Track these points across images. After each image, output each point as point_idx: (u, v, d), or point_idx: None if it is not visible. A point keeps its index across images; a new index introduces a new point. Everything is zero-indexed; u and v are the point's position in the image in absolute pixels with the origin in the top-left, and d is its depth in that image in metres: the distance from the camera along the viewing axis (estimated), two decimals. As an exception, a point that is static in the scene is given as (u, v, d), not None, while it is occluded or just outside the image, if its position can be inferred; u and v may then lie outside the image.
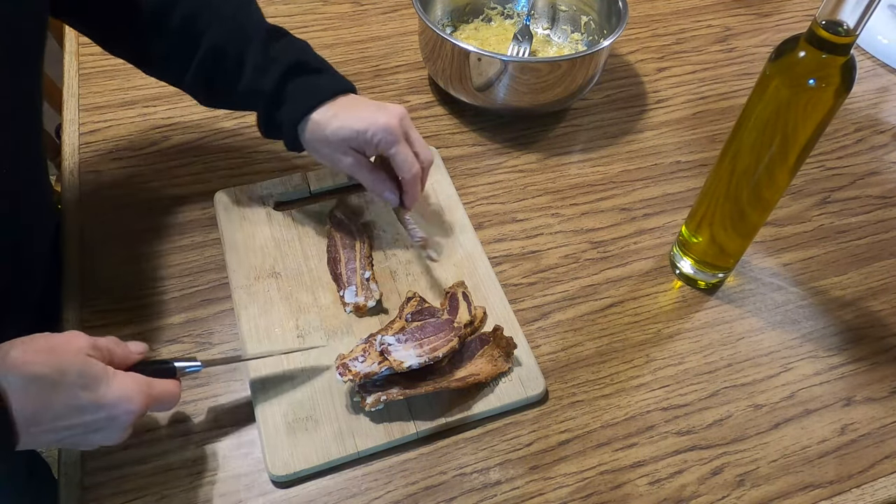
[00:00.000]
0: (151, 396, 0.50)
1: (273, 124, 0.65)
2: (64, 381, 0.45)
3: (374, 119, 0.61)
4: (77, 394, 0.46)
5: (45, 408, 0.45)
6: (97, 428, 0.48)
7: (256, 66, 0.62)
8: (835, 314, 0.71)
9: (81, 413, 0.46)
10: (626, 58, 0.97)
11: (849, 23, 0.50)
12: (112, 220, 0.72)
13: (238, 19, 0.64)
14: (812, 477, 0.60)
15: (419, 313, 0.62)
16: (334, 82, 0.65)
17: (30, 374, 0.44)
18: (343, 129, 0.62)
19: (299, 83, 0.63)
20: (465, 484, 0.57)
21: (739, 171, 0.61)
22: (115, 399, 0.47)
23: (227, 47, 0.63)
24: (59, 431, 0.46)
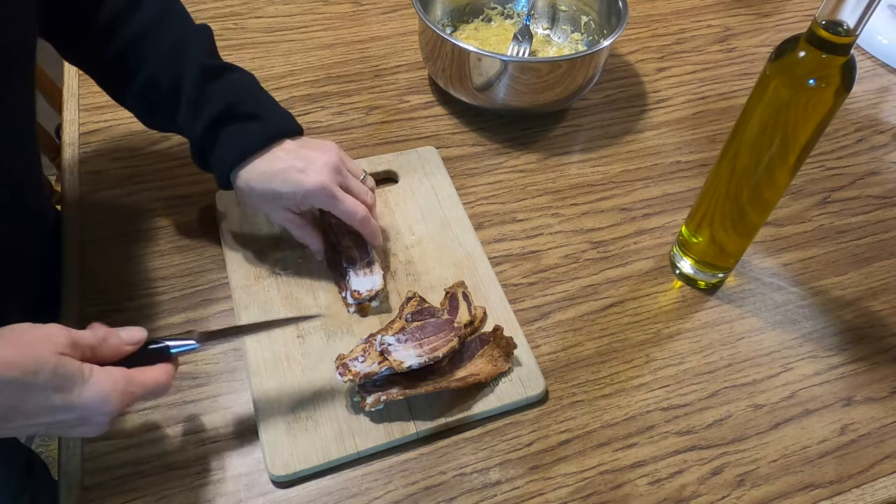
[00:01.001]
0: (132, 393, 0.48)
1: (204, 162, 0.64)
2: (36, 383, 0.44)
3: (302, 182, 0.60)
4: (50, 395, 0.44)
5: (16, 408, 0.44)
6: (72, 426, 0.47)
7: (189, 104, 0.61)
8: (835, 314, 0.71)
9: (54, 413, 0.45)
10: (626, 58, 0.97)
11: (849, 23, 0.50)
12: (112, 219, 0.72)
13: (177, 51, 0.62)
14: (812, 477, 0.60)
15: (419, 313, 0.62)
16: (266, 129, 0.62)
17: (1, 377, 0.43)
18: (271, 192, 0.61)
19: (229, 131, 0.61)
20: (465, 484, 0.57)
21: (739, 171, 0.61)
22: (89, 401, 0.46)
23: (161, 80, 0.62)
24: (31, 427, 0.45)
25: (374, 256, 0.67)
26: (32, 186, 0.67)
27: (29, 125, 0.63)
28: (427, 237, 0.72)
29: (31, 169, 0.66)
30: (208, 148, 0.62)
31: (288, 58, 0.92)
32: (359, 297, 0.64)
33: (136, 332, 0.51)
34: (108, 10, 0.62)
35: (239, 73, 0.65)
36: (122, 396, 0.47)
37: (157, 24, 0.63)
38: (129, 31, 0.62)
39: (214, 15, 0.96)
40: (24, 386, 0.43)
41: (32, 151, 0.66)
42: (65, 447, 0.57)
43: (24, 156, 0.64)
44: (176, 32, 0.63)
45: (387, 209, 0.74)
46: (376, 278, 0.65)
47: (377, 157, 0.79)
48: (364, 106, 0.87)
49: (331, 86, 0.89)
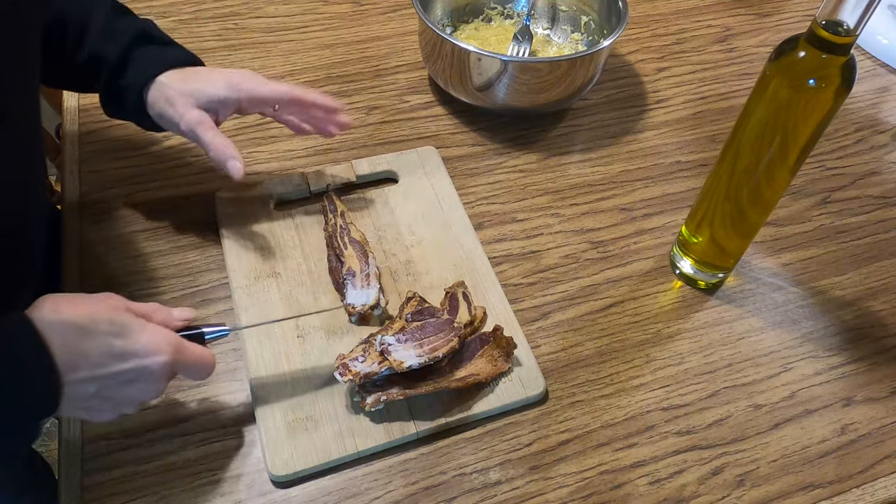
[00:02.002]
0: (183, 354, 0.50)
1: (115, 92, 0.64)
2: (96, 329, 0.46)
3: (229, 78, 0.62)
4: (109, 341, 0.46)
5: (80, 353, 0.45)
6: (130, 379, 0.47)
7: (101, 34, 0.62)
8: (835, 314, 0.71)
9: (114, 360, 0.46)
10: (626, 58, 0.97)
11: (849, 23, 0.50)
12: (112, 219, 0.72)
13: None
14: (812, 477, 0.60)
15: (419, 313, 0.62)
16: (183, 53, 0.65)
17: (63, 320, 0.45)
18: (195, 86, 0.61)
19: (146, 51, 0.63)
20: (465, 484, 0.57)
21: (739, 171, 0.61)
22: (146, 347, 0.48)
23: (68, 17, 0.62)
24: (96, 381, 0.46)
25: (375, 269, 0.67)
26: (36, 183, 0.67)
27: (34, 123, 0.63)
28: (427, 237, 0.72)
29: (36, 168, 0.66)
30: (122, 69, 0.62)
31: (288, 58, 0.92)
32: (353, 311, 0.64)
33: (186, 311, 0.54)
34: None
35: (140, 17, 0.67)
36: (175, 351, 0.49)
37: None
38: None
39: (214, 15, 0.96)
40: (84, 330, 0.46)
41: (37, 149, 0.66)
42: (65, 447, 0.57)
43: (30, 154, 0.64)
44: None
45: (387, 209, 0.74)
46: (371, 292, 0.65)
47: (377, 157, 0.79)
48: (364, 106, 0.87)
49: (331, 86, 0.89)
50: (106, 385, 0.47)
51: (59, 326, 0.45)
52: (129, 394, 0.49)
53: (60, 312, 0.46)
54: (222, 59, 0.90)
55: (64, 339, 0.45)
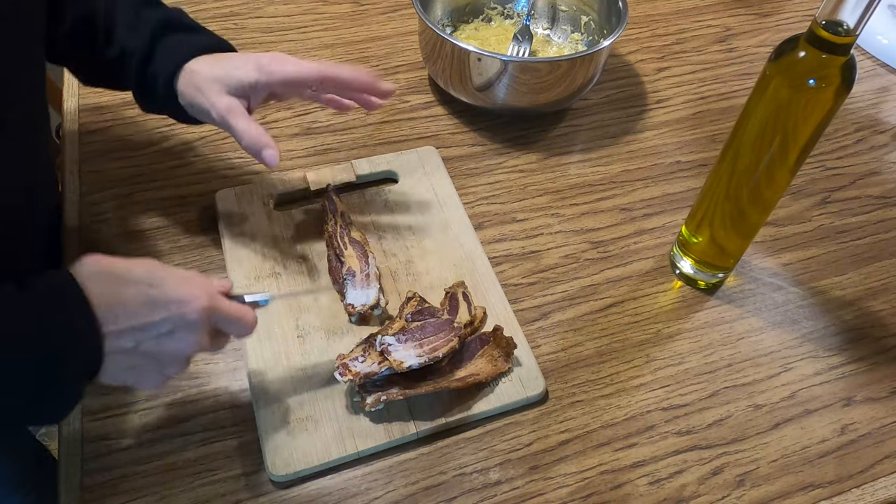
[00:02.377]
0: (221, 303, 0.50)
1: (145, 83, 0.62)
2: (131, 277, 0.47)
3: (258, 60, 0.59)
4: (145, 290, 0.47)
5: (118, 301, 0.46)
6: (169, 330, 0.47)
7: (128, 26, 0.61)
8: (835, 314, 0.71)
9: (152, 309, 0.47)
10: (626, 58, 0.97)
11: (849, 23, 0.50)
12: (112, 219, 0.72)
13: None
14: (812, 477, 0.60)
15: (419, 313, 0.62)
16: (211, 39, 0.63)
17: (101, 269, 0.47)
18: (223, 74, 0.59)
19: (174, 38, 0.62)
20: (465, 484, 0.57)
21: (739, 170, 0.61)
22: (182, 295, 0.48)
23: (97, 13, 0.62)
24: (135, 333, 0.46)
25: (375, 269, 0.67)
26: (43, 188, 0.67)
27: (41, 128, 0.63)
28: (427, 237, 0.72)
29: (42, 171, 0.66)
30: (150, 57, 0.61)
31: (288, 58, 0.92)
32: (353, 311, 0.64)
33: (225, 282, 0.53)
34: None
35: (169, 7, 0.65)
36: (211, 299, 0.49)
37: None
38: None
39: (214, 15, 0.96)
40: (121, 278, 0.47)
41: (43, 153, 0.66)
42: (65, 447, 0.57)
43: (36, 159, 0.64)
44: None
45: (387, 209, 0.74)
46: (371, 292, 0.65)
47: (377, 157, 0.79)
48: (364, 106, 0.87)
49: (331, 86, 0.89)
50: (146, 337, 0.47)
51: (98, 276, 0.46)
52: (170, 347, 0.48)
53: (100, 264, 0.47)
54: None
55: (102, 289, 0.46)
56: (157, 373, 0.49)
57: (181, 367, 0.50)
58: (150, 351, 0.47)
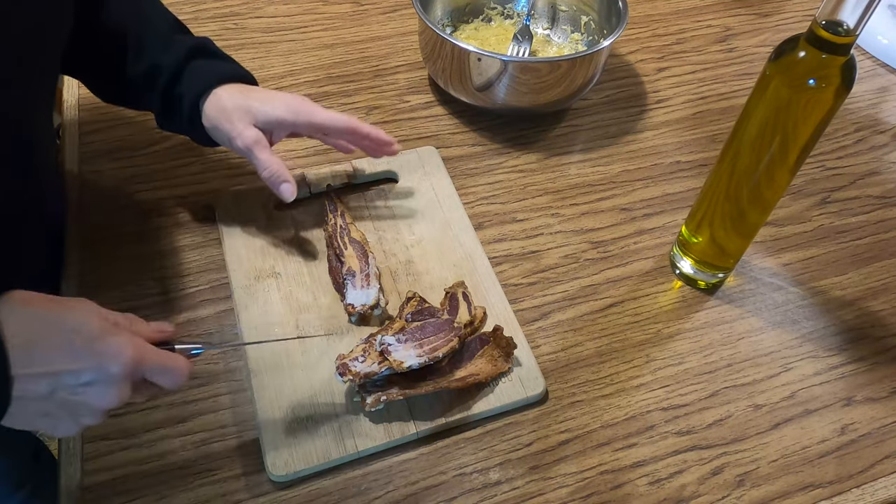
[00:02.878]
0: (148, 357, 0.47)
1: (171, 101, 0.64)
2: (61, 325, 0.44)
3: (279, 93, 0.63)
4: (70, 338, 0.44)
5: (38, 342, 0.43)
6: (88, 381, 0.44)
7: (159, 46, 0.63)
8: (835, 314, 0.71)
9: (71, 358, 0.44)
10: (626, 58, 0.97)
11: (849, 23, 0.50)
12: (112, 219, 0.72)
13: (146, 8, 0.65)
14: (812, 477, 0.60)
15: (419, 313, 0.62)
16: (239, 69, 0.66)
17: (29, 310, 0.44)
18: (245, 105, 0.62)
19: (204, 62, 0.63)
20: (465, 484, 0.57)
21: (739, 171, 0.61)
22: (107, 348, 0.45)
23: (128, 30, 0.63)
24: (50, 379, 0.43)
25: (375, 269, 0.67)
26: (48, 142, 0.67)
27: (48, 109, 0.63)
28: (427, 237, 0.72)
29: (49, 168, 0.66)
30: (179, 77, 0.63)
31: (288, 58, 0.92)
32: (353, 311, 0.64)
33: (163, 325, 0.51)
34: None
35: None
36: (137, 354, 0.46)
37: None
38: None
39: (214, 15, 0.96)
40: (49, 323, 0.44)
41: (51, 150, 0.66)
42: (65, 447, 0.57)
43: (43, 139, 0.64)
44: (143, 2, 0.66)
45: (387, 209, 0.74)
46: (371, 292, 0.65)
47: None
48: (364, 106, 0.87)
49: (331, 86, 0.89)
50: (62, 386, 0.44)
51: (23, 315, 0.43)
52: (87, 398, 0.45)
53: (29, 303, 0.44)
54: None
55: (23, 328, 0.43)
56: (71, 422, 0.46)
57: (98, 418, 0.47)
58: (65, 400, 0.45)
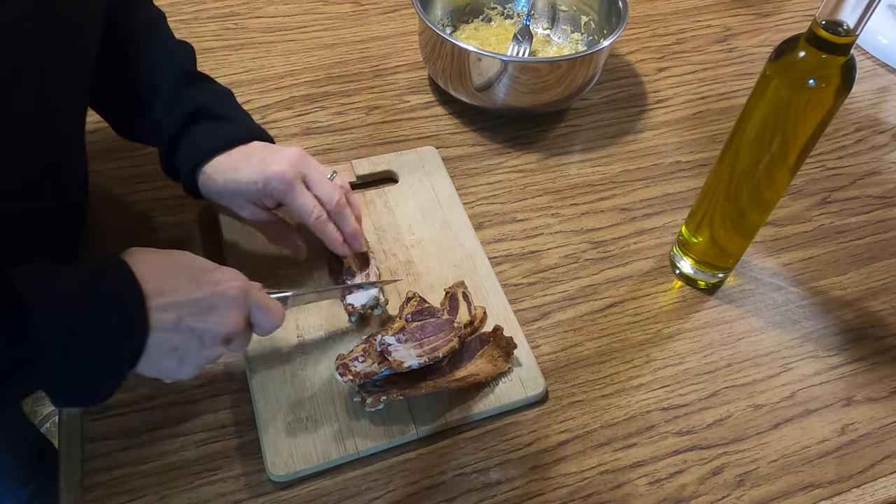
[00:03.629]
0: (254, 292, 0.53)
1: (171, 169, 0.64)
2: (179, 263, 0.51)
3: (264, 169, 0.59)
4: (189, 272, 0.51)
5: (163, 278, 0.49)
6: (212, 305, 0.50)
7: (164, 105, 0.62)
8: (835, 314, 0.71)
9: (196, 286, 0.50)
10: (626, 58, 0.97)
11: (849, 23, 0.50)
12: (112, 220, 0.72)
13: (162, 58, 0.64)
14: (812, 477, 0.60)
15: (419, 313, 0.62)
16: (236, 130, 0.63)
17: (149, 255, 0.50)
18: (233, 181, 0.60)
19: (200, 129, 0.62)
20: (465, 484, 0.57)
21: (739, 171, 0.61)
22: (222, 276, 0.52)
23: (140, 83, 0.62)
24: (179, 308, 0.49)
25: (375, 269, 0.67)
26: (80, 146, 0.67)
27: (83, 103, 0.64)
28: (427, 237, 0.72)
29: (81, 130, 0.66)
30: (176, 146, 0.62)
31: (288, 58, 0.92)
32: (353, 311, 0.64)
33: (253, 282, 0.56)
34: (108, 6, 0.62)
35: (217, 85, 0.66)
36: (246, 285, 0.53)
37: (145, 30, 0.64)
38: (118, 31, 0.62)
39: (214, 15, 0.96)
40: (170, 262, 0.51)
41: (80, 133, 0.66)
42: (65, 447, 0.57)
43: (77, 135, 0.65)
44: (162, 41, 0.65)
45: (387, 209, 0.74)
46: (371, 292, 0.64)
47: (377, 157, 0.79)
48: (364, 106, 0.87)
49: (331, 86, 0.89)
50: (188, 313, 0.49)
51: (146, 260, 0.49)
52: (212, 321, 0.50)
53: (147, 251, 0.50)
54: (222, 58, 0.90)
55: (149, 270, 0.48)
56: (196, 355, 0.51)
57: (217, 350, 0.52)
58: (193, 327, 0.49)
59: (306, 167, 0.61)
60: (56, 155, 0.58)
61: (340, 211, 0.63)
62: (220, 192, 0.62)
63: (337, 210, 0.62)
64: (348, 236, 0.64)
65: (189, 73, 0.64)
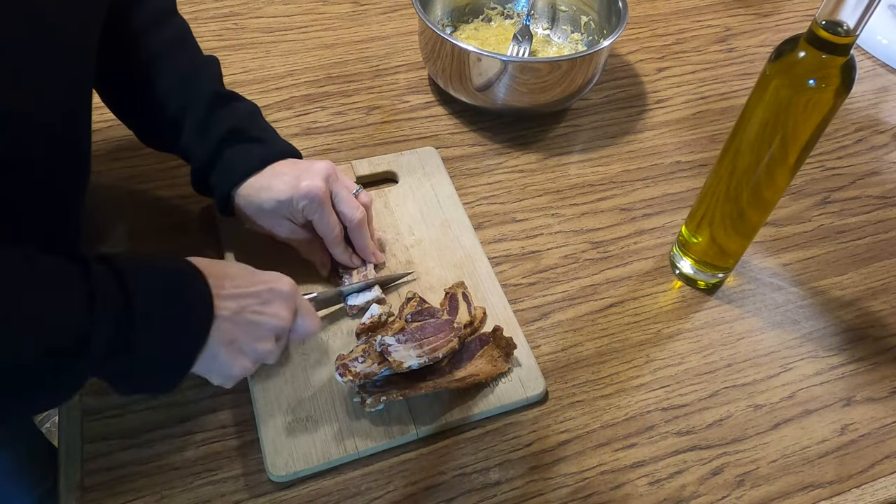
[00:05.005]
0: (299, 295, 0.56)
1: (205, 190, 0.65)
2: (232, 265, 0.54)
3: (297, 185, 0.61)
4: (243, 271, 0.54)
5: (222, 275, 0.51)
6: (267, 299, 0.53)
7: (196, 127, 0.62)
8: (835, 314, 0.71)
9: (251, 283, 0.53)
10: (626, 58, 0.97)
11: (849, 23, 0.50)
12: (112, 220, 0.72)
13: (190, 77, 0.64)
14: (812, 477, 0.60)
15: (419, 313, 0.62)
16: (267, 151, 0.64)
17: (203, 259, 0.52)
18: (269, 200, 0.62)
19: (233, 151, 0.63)
20: (465, 484, 0.57)
21: (739, 171, 0.61)
22: (273, 276, 0.55)
23: (171, 102, 0.63)
24: (239, 299, 0.51)
25: (372, 271, 0.67)
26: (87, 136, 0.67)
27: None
28: (427, 237, 0.72)
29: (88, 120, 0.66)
30: (210, 168, 0.63)
31: (288, 58, 0.92)
32: (354, 311, 0.64)
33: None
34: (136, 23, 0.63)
35: (245, 102, 0.66)
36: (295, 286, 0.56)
37: (174, 47, 0.65)
38: (146, 49, 0.63)
39: (214, 15, 0.96)
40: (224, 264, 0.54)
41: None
42: (65, 447, 0.57)
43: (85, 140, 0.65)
44: (190, 59, 0.66)
45: (387, 209, 0.74)
46: (371, 294, 0.65)
47: (377, 157, 0.79)
48: (364, 106, 0.87)
49: (331, 86, 0.89)
50: (246, 306, 0.51)
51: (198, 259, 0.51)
52: (268, 313, 0.52)
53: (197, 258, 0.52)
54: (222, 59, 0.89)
55: (207, 266, 0.51)
56: (250, 349, 0.52)
57: (269, 346, 0.53)
58: (248, 321, 0.52)
59: (335, 183, 0.63)
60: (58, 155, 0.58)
61: (360, 230, 0.65)
62: (258, 212, 0.63)
63: (357, 228, 0.65)
64: (359, 249, 0.67)
65: (219, 93, 0.64)
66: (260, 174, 0.62)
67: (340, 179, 0.64)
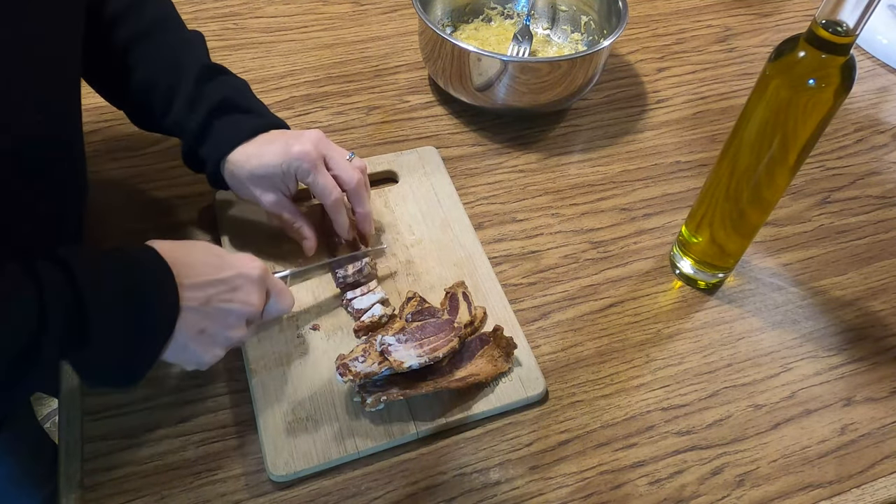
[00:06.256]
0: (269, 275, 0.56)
1: (196, 160, 0.65)
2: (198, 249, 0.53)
3: (288, 150, 0.61)
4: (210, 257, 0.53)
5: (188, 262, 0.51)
6: (236, 285, 0.52)
7: (186, 101, 0.62)
8: (835, 314, 0.71)
9: (218, 269, 0.52)
10: (626, 58, 0.97)
11: (848, 23, 0.50)
12: (112, 220, 0.72)
13: (177, 53, 0.64)
14: (812, 477, 0.60)
15: (419, 313, 0.62)
16: (258, 121, 0.64)
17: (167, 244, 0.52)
18: (260, 167, 0.61)
19: (224, 122, 0.63)
20: (465, 484, 0.57)
21: (739, 171, 0.61)
22: (240, 259, 0.54)
23: (160, 80, 0.63)
24: (206, 288, 0.51)
25: (369, 269, 0.67)
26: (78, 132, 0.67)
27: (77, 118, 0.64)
28: (427, 237, 0.72)
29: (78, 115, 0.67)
30: (201, 140, 0.63)
31: (288, 58, 0.92)
32: (360, 314, 0.64)
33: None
34: (110, 8, 0.63)
35: (233, 76, 0.66)
36: (265, 269, 0.55)
37: (158, 26, 0.65)
38: (130, 30, 0.63)
39: (214, 15, 0.96)
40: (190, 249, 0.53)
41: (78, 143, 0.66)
42: (65, 447, 0.57)
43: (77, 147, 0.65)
44: (176, 35, 0.65)
45: (387, 209, 0.74)
46: (373, 296, 0.65)
47: (377, 157, 0.79)
48: (364, 106, 0.87)
49: (331, 86, 0.89)
50: (214, 294, 0.51)
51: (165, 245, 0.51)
52: (235, 304, 0.52)
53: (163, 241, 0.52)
54: (222, 58, 0.90)
55: (173, 254, 0.50)
56: (222, 337, 0.53)
57: (241, 332, 0.54)
58: (217, 309, 0.51)
59: (327, 148, 0.63)
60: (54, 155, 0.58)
61: (359, 191, 0.65)
62: (247, 178, 0.62)
63: (356, 190, 0.64)
64: (360, 216, 0.66)
65: (208, 66, 0.64)
66: (250, 142, 0.62)
67: (331, 145, 0.64)
